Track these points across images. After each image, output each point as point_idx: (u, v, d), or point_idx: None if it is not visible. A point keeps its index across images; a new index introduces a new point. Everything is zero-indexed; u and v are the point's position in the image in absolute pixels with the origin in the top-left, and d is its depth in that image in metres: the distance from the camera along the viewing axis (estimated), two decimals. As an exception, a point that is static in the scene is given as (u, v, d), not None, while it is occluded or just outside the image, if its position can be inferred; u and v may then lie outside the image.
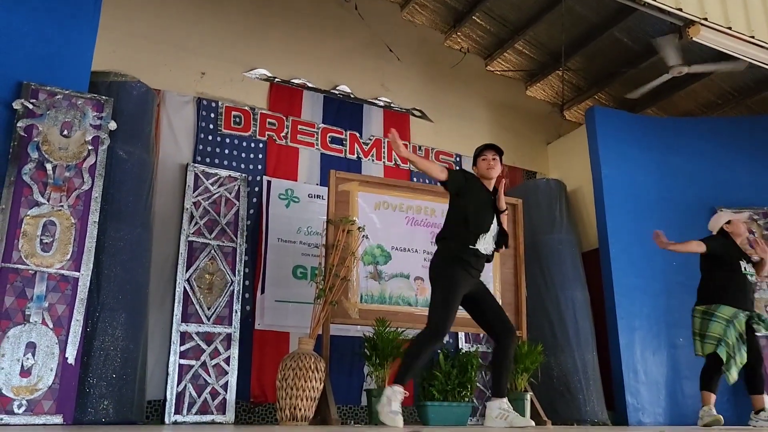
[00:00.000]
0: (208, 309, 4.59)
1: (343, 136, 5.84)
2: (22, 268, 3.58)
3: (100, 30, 4.20)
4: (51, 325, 3.58)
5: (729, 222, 4.74)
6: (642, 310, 5.71)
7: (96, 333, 3.85)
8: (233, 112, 5.36)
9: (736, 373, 4.35)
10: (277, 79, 5.65)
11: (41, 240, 3.67)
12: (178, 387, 4.33)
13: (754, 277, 4.63)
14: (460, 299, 3.64)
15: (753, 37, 4.87)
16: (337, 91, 5.92)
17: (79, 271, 3.74)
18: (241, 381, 4.62)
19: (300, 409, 3.85)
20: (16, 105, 3.77)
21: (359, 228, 4.65)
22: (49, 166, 3.78)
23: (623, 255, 5.77)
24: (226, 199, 4.95)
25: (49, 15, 4.00)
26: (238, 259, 4.82)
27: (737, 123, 6.50)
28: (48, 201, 3.74)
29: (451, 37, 6.58)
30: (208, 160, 5.12)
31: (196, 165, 4.98)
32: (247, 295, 4.95)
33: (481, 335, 5.44)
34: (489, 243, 3.69)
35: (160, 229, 4.61)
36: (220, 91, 5.39)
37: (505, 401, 3.66)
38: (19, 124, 3.76)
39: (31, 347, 3.49)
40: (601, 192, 5.95)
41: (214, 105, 5.30)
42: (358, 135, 5.90)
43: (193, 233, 4.72)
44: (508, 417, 3.60)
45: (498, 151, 3.86)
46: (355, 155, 5.85)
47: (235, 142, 5.31)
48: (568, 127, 7.13)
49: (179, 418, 4.28)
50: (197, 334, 4.50)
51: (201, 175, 4.94)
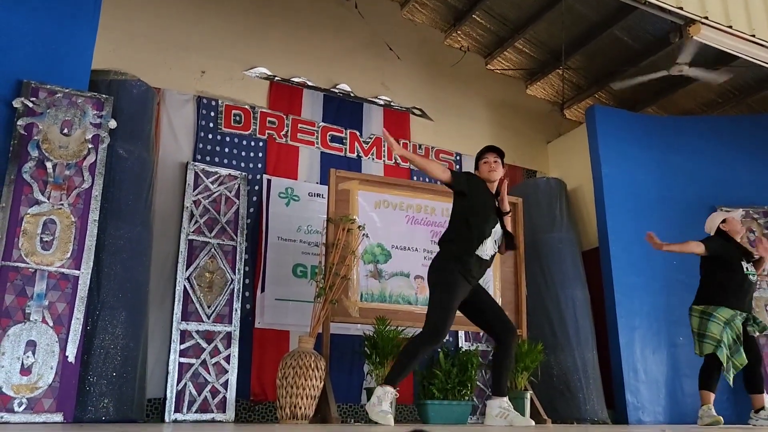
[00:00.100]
0: (208, 307, 4.60)
1: (343, 135, 5.83)
2: (22, 267, 3.58)
3: (100, 28, 4.19)
4: (51, 324, 3.57)
5: (724, 221, 4.72)
6: (642, 308, 5.71)
7: (96, 331, 3.85)
8: (233, 111, 5.35)
9: (733, 375, 4.36)
10: (277, 78, 5.65)
11: (41, 238, 3.67)
12: (178, 385, 4.33)
13: (756, 277, 4.60)
14: (459, 303, 3.64)
15: (754, 36, 4.86)
16: (337, 90, 5.92)
17: (79, 270, 3.73)
18: (241, 379, 4.62)
19: (300, 408, 3.85)
20: (16, 103, 3.77)
21: (359, 227, 4.65)
22: (49, 165, 3.78)
23: (623, 254, 5.76)
24: (226, 198, 4.95)
25: (49, 14, 4.00)
26: (238, 257, 4.82)
27: (738, 122, 6.50)
28: (48, 199, 3.74)
29: (451, 35, 6.58)
30: (208, 158, 5.12)
31: (196, 163, 4.99)
32: (247, 293, 4.95)
33: (481, 333, 5.43)
34: (490, 248, 3.68)
35: (160, 228, 4.61)
36: (220, 89, 5.39)
37: (506, 400, 3.67)
38: (20, 123, 3.75)
39: (31, 345, 3.49)
40: (602, 191, 5.95)
41: (214, 103, 5.30)
42: (358, 134, 5.90)
43: (193, 232, 4.72)
44: (508, 416, 3.61)
45: (499, 153, 3.83)
46: (355, 154, 5.85)
47: (235, 140, 5.31)
48: (569, 125, 7.12)
49: (179, 417, 4.28)
50: (197, 332, 4.51)
51: (201, 174, 4.94)
